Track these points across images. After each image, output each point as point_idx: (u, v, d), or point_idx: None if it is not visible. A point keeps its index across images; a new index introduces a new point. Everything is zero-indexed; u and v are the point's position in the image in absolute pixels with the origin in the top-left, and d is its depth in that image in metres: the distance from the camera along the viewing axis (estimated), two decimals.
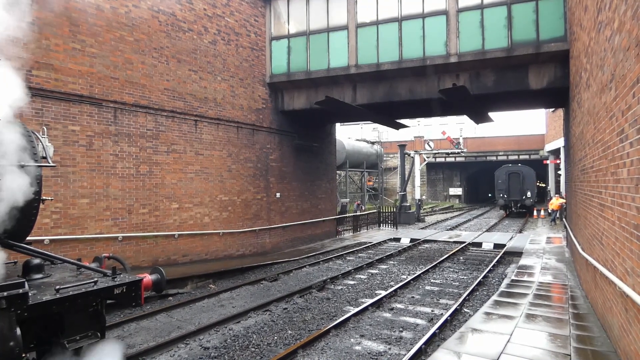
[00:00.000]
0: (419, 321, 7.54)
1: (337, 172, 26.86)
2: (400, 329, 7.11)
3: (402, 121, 17.23)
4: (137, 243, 9.96)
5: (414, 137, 41.86)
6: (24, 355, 3.74)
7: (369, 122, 19.81)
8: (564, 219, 18.13)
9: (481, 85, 11.89)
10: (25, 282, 3.79)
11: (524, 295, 8.19)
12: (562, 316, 6.84)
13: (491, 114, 15.42)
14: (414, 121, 42.74)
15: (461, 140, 29.48)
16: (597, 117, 5.98)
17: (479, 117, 15.41)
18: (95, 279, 4.50)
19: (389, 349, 6.34)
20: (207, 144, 11.86)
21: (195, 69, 11.51)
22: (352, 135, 42.48)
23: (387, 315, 7.89)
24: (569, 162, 12.32)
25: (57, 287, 4.10)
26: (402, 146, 27.73)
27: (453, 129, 57.65)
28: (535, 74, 11.27)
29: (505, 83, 11.65)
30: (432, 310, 8.11)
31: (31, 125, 6.77)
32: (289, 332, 7.05)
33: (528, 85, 11.39)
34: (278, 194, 14.70)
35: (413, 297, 9.13)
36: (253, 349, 6.33)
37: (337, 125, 22.77)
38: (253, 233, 13.48)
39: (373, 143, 35.80)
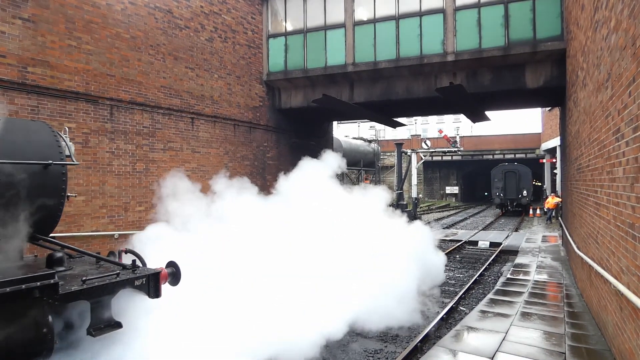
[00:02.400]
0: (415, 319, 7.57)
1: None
2: (398, 327, 7.13)
3: (399, 120, 17.25)
4: (134, 240, 9.91)
5: (411, 135, 41.91)
6: (55, 342, 4.02)
7: (366, 120, 19.81)
8: (559, 218, 18.21)
9: (478, 84, 11.91)
10: (55, 274, 4.09)
11: (520, 293, 8.22)
12: (557, 314, 6.88)
13: (488, 113, 15.45)
14: (411, 120, 42.77)
15: (458, 139, 29.52)
16: (593, 116, 6.00)
17: (476, 115, 15.44)
18: (117, 271, 4.80)
19: (385, 346, 6.35)
20: (204, 142, 11.83)
21: (192, 67, 11.47)
22: (349, 134, 42.47)
23: None
24: (565, 161, 12.37)
25: (84, 278, 4.46)
26: (399, 144, 27.74)
27: (450, 128, 57.85)
28: (531, 73, 11.30)
29: (502, 82, 11.67)
30: (427, 309, 8.14)
31: None
32: None
33: (525, 84, 11.42)
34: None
35: None
36: None
37: (334, 123, 22.75)
38: None
39: (370, 141, 35.79)
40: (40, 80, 8.15)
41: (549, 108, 23.57)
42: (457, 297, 8.56)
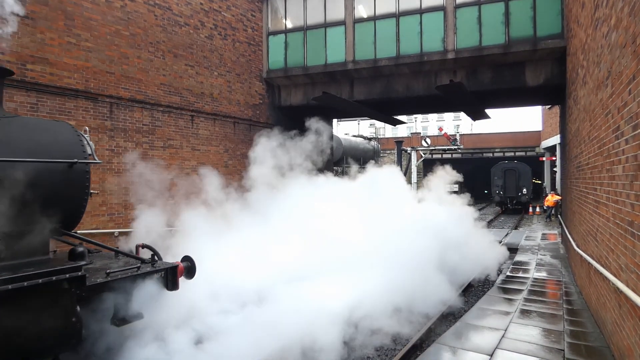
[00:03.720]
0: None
1: (335, 168, 26.82)
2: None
3: (399, 118, 17.23)
4: (135, 239, 9.92)
5: (411, 133, 41.84)
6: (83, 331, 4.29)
7: (366, 118, 19.81)
8: (559, 216, 18.23)
9: (478, 82, 11.90)
10: (82, 267, 4.34)
11: (519, 291, 8.24)
12: (556, 312, 6.89)
13: (488, 111, 15.44)
14: (411, 118, 42.74)
15: (458, 137, 29.50)
16: (593, 114, 6.00)
17: (476, 113, 15.42)
18: (138, 265, 5.12)
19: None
20: (204, 140, 11.82)
21: (191, 64, 11.45)
22: (349, 132, 42.44)
23: None
24: (565, 159, 12.37)
25: (107, 271, 4.74)
26: (399, 142, 27.73)
27: (450, 126, 57.80)
28: (532, 70, 11.29)
29: (502, 80, 11.66)
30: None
31: None
32: None
33: (525, 82, 11.41)
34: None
35: None
36: None
37: (335, 121, 22.76)
38: None
39: (370, 139, 35.74)
40: (39, 78, 8.14)
41: (549, 106, 23.55)
42: (456, 295, 8.58)
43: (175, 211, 10.67)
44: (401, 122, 17.30)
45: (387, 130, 52.40)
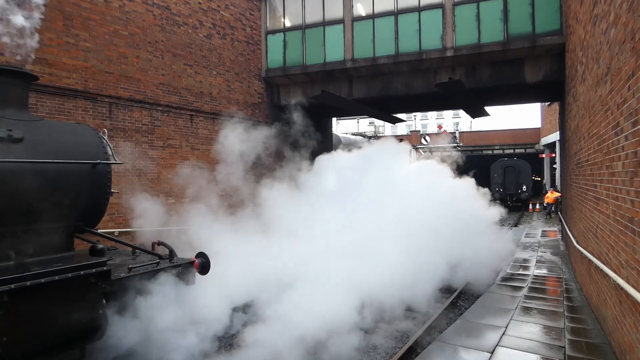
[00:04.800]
0: (414, 314, 7.58)
1: None
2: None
3: (399, 116, 17.22)
4: (134, 238, 9.92)
5: (410, 131, 41.83)
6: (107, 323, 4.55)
7: (366, 116, 19.80)
8: (559, 213, 18.23)
9: (477, 79, 11.88)
10: (106, 262, 4.64)
11: (520, 288, 8.24)
12: (556, 309, 6.90)
13: (487, 108, 15.43)
14: (410, 116, 42.71)
15: (457, 135, 29.49)
16: (593, 110, 5.99)
17: (475, 111, 15.41)
18: (158, 260, 5.43)
19: (386, 341, 6.37)
20: (203, 139, 11.81)
21: (190, 63, 11.44)
22: (348, 130, 42.42)
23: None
24: (564, 156, 12.36)
25: (130, 266, 5.05)
26: (398, 140, 27.72)
27: (449, 123, 57.76)
28: (531, 67, 11.28)
29: (501, 77, 11.65)
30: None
31: None
32: None
33: (524, 79, 11.40)
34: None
35: None
36: None
37: (334, 120, 22.74)
38: None
39: (369, 137, 35.77)
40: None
41: (549, 103, 23.53)
42: (456, 292, 8.59)
43: (176, 211, 10.68)
44: (400, 120, 17.31)
45: (387, 129, 52.39)
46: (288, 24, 14.07)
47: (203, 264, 5.90)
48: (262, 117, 14.10)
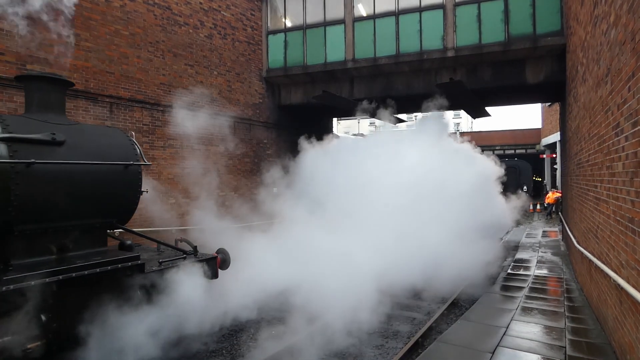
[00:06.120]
0: (415, 314, 7.60)
1: None
2: (397, 322, 7.15)
3: (399, 116, 17.20)
4: (134, 238, 9.92)
5: None
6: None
7: (366, 117, 19.79)
8: (559, 213, 18.23)
9: (478, 80, 11.88)
10: (139, 256, 5.11)
11: (520, 288, 8.25)
12: (557, 309, 6.90)
13: (488, 109, 15.41)
14: (411, 116, 42.69)
15: (458, 135, 29.47)
16: (593, 111, 6.00)
17: (476, 111, 15.40)
18: (184, 255, 5.84)
19: (386, 342, 6.38)
20: (204, 139, 11.81)
21: (191, 64, 11.44)
22: (349, 130, 42.42)
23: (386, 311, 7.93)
24: (565, 157, 12.36)
25: (160, 260, 5.51)
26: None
27: (450, 124, 57.69)
28: (532, 68, 11.28)
29: (502, 77, 11.65)
30: (428, 304, 8.16)
31: None
32: None
33: (525, 80, 11.39)
34: (275, 189, 14.67)
35: None
36: None
37: (334, 120, 22.75)
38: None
39: None
40: None
41: (549, 103, 23.51)
42: (458, 292, 8.59)
43: (176, 210, 10.69)
44: (401, 121, 17.28)
45: (388, 129, 52.33)
46: (289, 24, 14.08)
47: (224, 259, 6.33)
48: (263, 117, 14.10)
